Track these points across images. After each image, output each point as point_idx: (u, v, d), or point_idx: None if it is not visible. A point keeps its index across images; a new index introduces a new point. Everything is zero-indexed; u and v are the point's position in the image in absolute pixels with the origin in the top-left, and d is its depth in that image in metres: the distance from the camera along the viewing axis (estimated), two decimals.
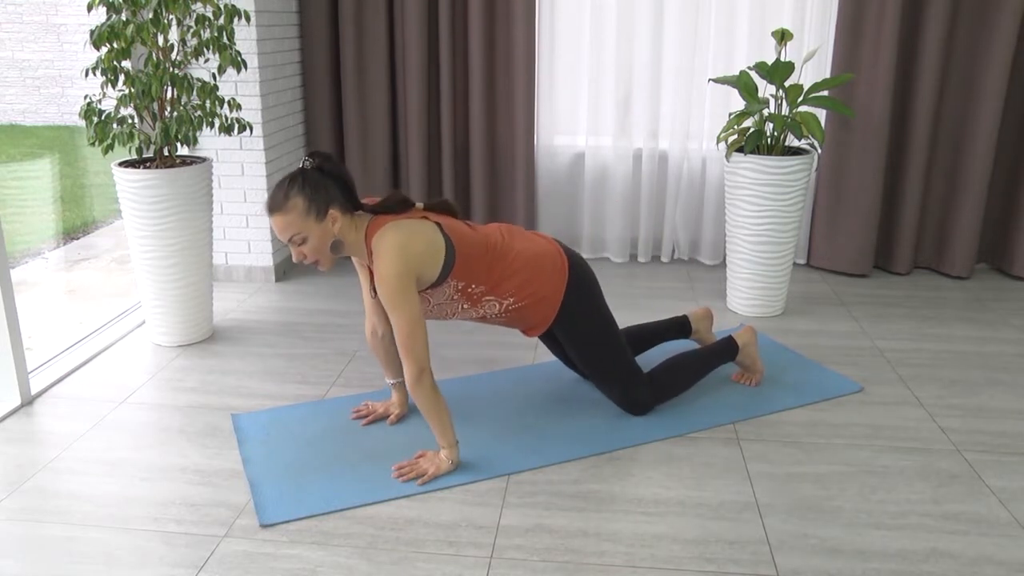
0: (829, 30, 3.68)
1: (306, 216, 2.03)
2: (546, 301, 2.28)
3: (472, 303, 2.24)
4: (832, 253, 3.82)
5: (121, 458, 2.23)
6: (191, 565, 1.80)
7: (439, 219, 2.17)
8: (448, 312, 2.26)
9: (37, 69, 9.25)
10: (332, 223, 2.06)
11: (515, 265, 2.23)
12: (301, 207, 2.02)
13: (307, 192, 2.02)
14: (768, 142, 3.16)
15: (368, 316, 2.37)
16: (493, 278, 2.21)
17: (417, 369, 2.03)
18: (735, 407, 2.51)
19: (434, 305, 2.23)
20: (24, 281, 4.34)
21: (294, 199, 2.02)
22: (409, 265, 2.03)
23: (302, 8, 3.77)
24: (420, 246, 2.06)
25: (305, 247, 2.07)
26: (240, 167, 3.56)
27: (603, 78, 3.86)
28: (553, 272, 2.28)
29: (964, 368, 2.82)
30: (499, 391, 2.63)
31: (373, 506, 2.02)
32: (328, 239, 2.07)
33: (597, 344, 2.36)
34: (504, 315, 2.29)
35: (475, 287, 2.20)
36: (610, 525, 1.94)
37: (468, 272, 2.17)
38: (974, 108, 3.57)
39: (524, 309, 2.28)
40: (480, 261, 2.18)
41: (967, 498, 2.05)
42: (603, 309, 2.37)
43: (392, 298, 2.01)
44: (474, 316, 2.30)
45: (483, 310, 2.27)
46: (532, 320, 2.32)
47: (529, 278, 2.25)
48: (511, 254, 2.24)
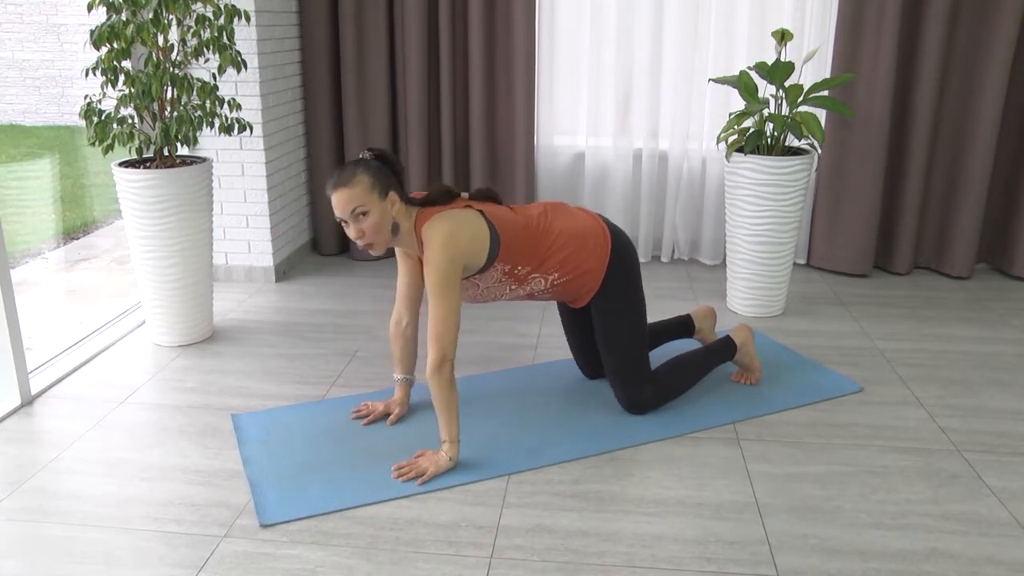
0: (829, 30, 3.68)
1: (370, 191, 2.11)
2: (590, 274, 2.36)
3: (519, 283, 2.33)
4: (832, 253, 3.82)
5: (121, 458, 2.23)
6: (191, 565, 1.80)
7: (482, 207, 2.26)
8: (497, 294, 2.35)
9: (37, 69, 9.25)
10: (391, 205, 2.15)
11: (558, 242, 2.31)
12: (366, 183, 2.11)
13: (372, 171, 2.13)
14: (768, 142, 3.16)
15: (397, 305, 2.43)
16: (537, 257, 2.29)
17: (441, 357, 2.08)
18: (735, 407, 2.51)
19: (483, 288, 2.31)
20: (24, 281, 4.34)
21: (360, 175, 2.11)
22: (457, 253, 2.11)
23: (302, 8, 3.77)
24: (466, 235, 2.14)
25: (365, 223, 2.12)
26: (240, 167, 3.56)
27: (603, 78, 3.86)
28: (596, 246, 2.36)
29: (964, 368, 2.82)
30: (499, 391, 2.63)
31: (373, 506, 2.02)
32: (388, 219, 2.15)
33: (627, 325, 2.40)
34: (551, 290, 2.38)
35: (520, 268, 2.29)
36: (610, 525, 1.94)
37: (512, 255, 2.25)
38: (974, 108, 3.57)
39: (569, 283, 2.36)
40: (523, 243, 2.26)
41: (967, 498, 2.05)
42: (640, 291, 2.44)
43: (438, 285, 2.09)
44: (522, 294, 2.39)
45: (529, 287, 2.36)
46: (578, 291, 2.40)
47: (572, 253, 2.32)
48: (554, 232, 2.32)
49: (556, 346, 3.00)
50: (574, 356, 2.71)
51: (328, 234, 4.07)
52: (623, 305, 2.40)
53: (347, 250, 4.17)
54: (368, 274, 3.83)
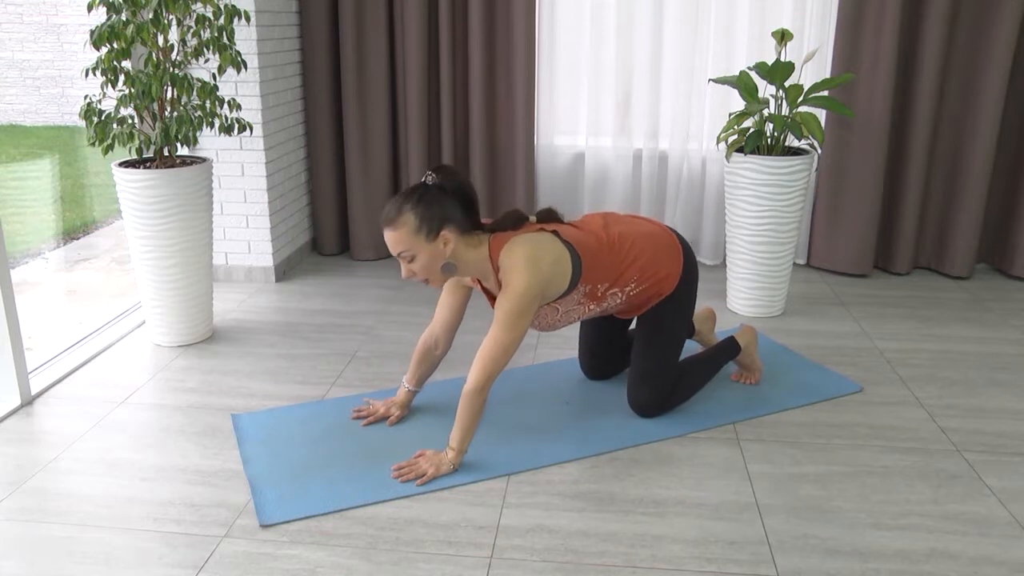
0: (829, 30, 3.68)
1: (416, 234, 2.00)
2: (667, 279, 2.30)
3: (597, 301, 2.26)
4: (832, 253, 3.82)
5: (121, 458, 2.23)
6: (191, 565, 1.80)
7: (554, 227, 2.17)
8: (575, 316, 2.27)
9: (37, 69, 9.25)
10: (444, 244, 2.03)
11: (634, 251, 2.24)
12: (412, 224, 1.99)
13: (420, 209, 1.99)
14: (768, 142, 3.16)
15: (434, 329, 2.35)
16: (615, 271, 2.22)
17: (485, 381, 2.05)
18: (735, 407, 2.51)
19: (562, 313, 2.24)
20: (24, 281, 4.34)
21: (406, 215, 2.00)
22: (541, 278, 2.03)
23: (302, 8, 3.78)
24: (550, 259, 2.06)
25: (414, 265, 2.04)
26: (240, 167, 3.56)
27: (603, 78, 3.86)
28: (669, 249, 2.31)
29: (964, 368, 2.82)
30: (499, 391, 2.63)
31: (373, 506, 2.02)
32: (439, 260, 2.04)
33: (677, 333, 2.37)
34: (625, 302, 2.31)
35: (600, 286, 2.21)
36: (610, 525, 1.94)
37: (594, 274, 2.18)
38: (974, 108, 3.57)
39: (644, 291, 2.29)
40: (603, 260, 2.19)
41: (967, 498, 2.05)
42: (695, 300, 2.40)
43: (512, 313, 2.01)
44: (596, 312, 2.31)
45: (606, 304, 2.29)
46: (648, 300, 2.33)
47: (649, 260, 2.26)
48: (628, 241, 2.24)
49: (556, 346, 3.00)
50: (581, 355, 2.69)
51: (328, 234, 4.07)
52: (681, 311, 2.34)
53: (347, 250, 4.17)
54: (368, 274, 3.83)
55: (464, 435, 2.13)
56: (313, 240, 4.16)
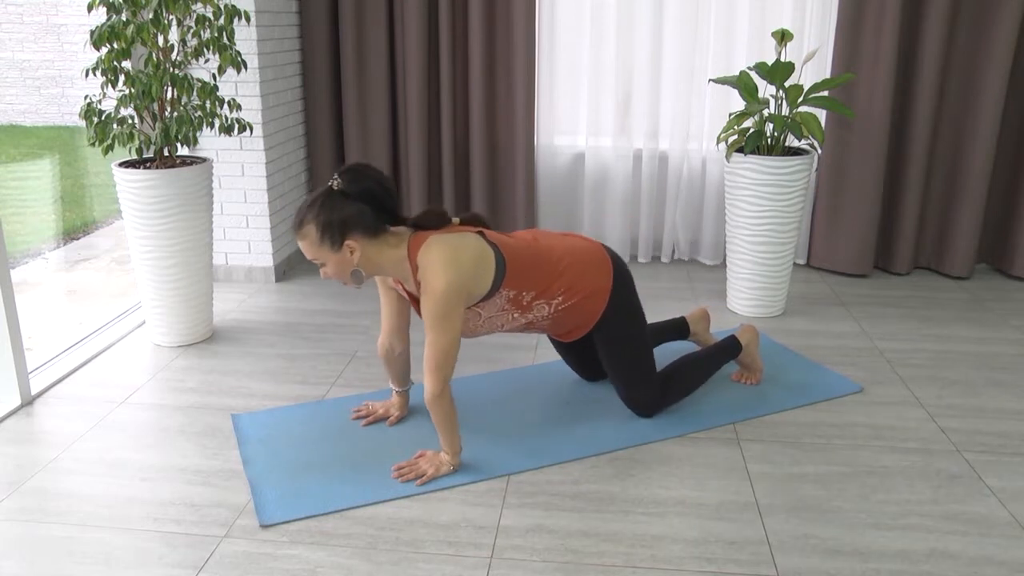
0: (829, 30, 3.68)
1: (319, 244, 1.98)
2: (596, 296, 2.25)
3: (522, 310, 2.20)
4: (832, 253, 3.82)
5: (121, 458, 2.23)
6: (191, 565, 1.80)
7: (479, 229, 2.14)
8: (499, 324, 2.22)
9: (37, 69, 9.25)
10: (350, 252, 1.99)
11: (562, 264, 2.20)
12: (314, 236, 1.97)
13: (321, 219, 1.96)
14: (768, 142, 3.16)
15: (385, 334, 2.31)
16: (542, 281, 2.17)
17: (440, 385, 2.02)
18: (735, 407, 2.51)
19: (485, 319, 2.18)
20: (24, 281, 4.34)
21: (307, 227, 1.98)
22: (462, 278, 1.97)
23: (302, 8, 3.78)
24: (470, 260, 2.00)
25: (326, 269, 2.04)
26: (240, 167, 3.56)
27: (603, 78, 3.86)
28: (600, 266, 2.26)
29: (964, 368, 2.82)
30: (499, 391, 2.63)
31: (373, 506, 2.02)
32: (347, 267, 2.02)
33: (635, 341, 2.33)
34: (551, 317, 2.25)
35: (525, 293, 2.16)
36: (610, 525, 1.94)
37: (519, 279, 2.13)
38: (974, 108, 3.57)
39: (572, 308, 2.24)
40: (529, 265, 2.14)
41: (967, 498, 2.05)
42: (640, 305, 2.37)
43: (438, 315, 1.96)
44: (522, 323, 2.25)
45: (532, 315, 2.22)
46: (578, 319, 2.28)
47: (578, 275, 2.22)
48: (554, 254, 2.20)
49: None
50: (570, 367, 2.68)
51: None
52: (630, 323, 2.32)
53: None
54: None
55: (449, 437, 2.11)
56: None
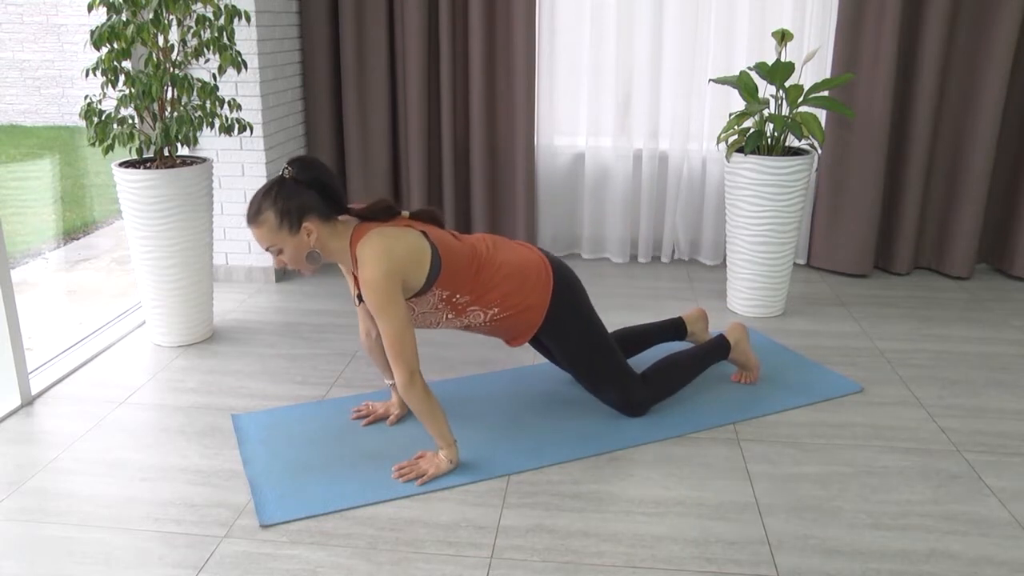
0: (829, 30, 3.68)
1: (278, 229, 2.04)
2: (532, 310, 2.28)
3: (457, 313, 2.24)
4: (832, 253, 3.82)
5: (121, 458, 2.23)
6: (191, 565, 1.80)
7: (424, 228, 2.17)
8: (432, 321, 2.26)
9: (37, 70, 9.25)
10: (307, 234, 2.06)
11: (500, 274, 2.23)
12: (272, 221, 2.03)
13: (280, 204, 2.03)
14: (768, 142, 3.16)
15: (360, 320, 2.37)
16: (478, 288, 2.21)
17: (407, 373, 2.04)
18: (735, 407, 2.51)
19: (419, 314, 2.22)
20: (24, 281, 4.34)
21: (266, 213, 2.03)
22: (393, 270, 2.02)
23: (302, 8, 3.78)
24: (404, 252, 2.05)
25: (283, 256, 2.09)
26: (240, 167, 3.56)
27: (603, 78, 3.86)
28: (538, 282, 2.28)
29: (964, 368, 2.82)
30: (499, 391, 2.63)
31: (373, 506, 2.02)
32: (303, 250, 2.08)
33: (586, 350, 2.36)
34: (488, 324, 2.29)
35: (460, 296, 2.20)
36: (610, 525, 1.94)
37: (453, 281, 2.16)
38: (974, 108, 3.57)
39: (508, 319, 2.27)
40: (465, 271, 2.18)
41: (967, 498, 2.05)
42: (590, 315, 2.37)
43: (378, 304, 2.01)
44: (458, 325, 2.30)
45: (467, 319, 2.27)
46: (516, 330, 2.32)
47: (514, 288, 2.24)
48: (495, 264, 2.23)
49: None
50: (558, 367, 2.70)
51: None
52: (576, 335, 2.33)
53: None
54: None
55: (436, 428, 2.11)
56: None
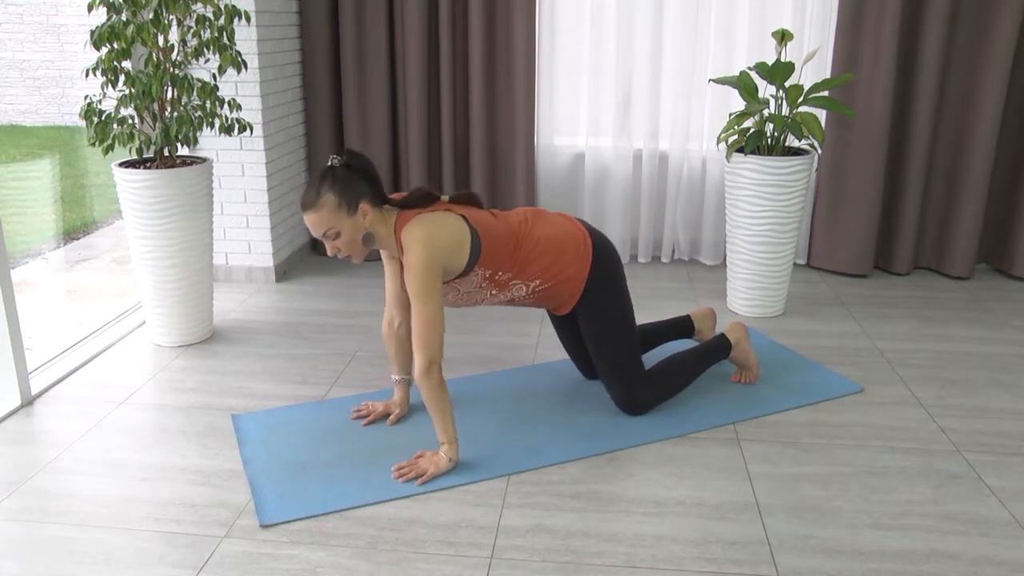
0: (829, 30, 3.68)
1: (337, 211, 2.10)
2: (571, 281, 2.34)
3: (500, 288, 2.31)
4: (832, 253, 3.82)
5: (121, 458, 2.23)
6: (191, 565, 1.80)
7: (464, 211, 2.23)
8: (477, 299, 2.34)
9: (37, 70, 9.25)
10: (363, 216, 2.13)
11: (539, 249, 2.29)
12: (332, 203, 2.09)
13: (337, 187, 2.10)
14: (768, 142, 3.16)
15: (388, 307, 2.41)
16: (518, 264, 2.28)
17: (428, 360, 2.07)
18: (735, 407, 2.51)
19: (463, 293, 2.30)
20: (24, 281, 4.34)
21: (325, 195, 2.09)
22: (436, 256, 2.09)
23: (302, 8, 3.78)
24: (446, 238, 2.12)
25: (339, 241, 2.13)
26: (240, 167, 3.56)
27: (603, 78, 3.86)
28: (576, 254, 2.34)
29: (964, 368, 2.82)
30: (499, 391, 2.63)
31: (373, 506, 2.02)
32: (360, 232, 2.14)
33: (614, 330, 2.39)
34: (531, 296, 2.36)
35: (501, 274, 2.27)
36: (610, 525, 1.94)
37: (493, 260, 2.24)
38: (974, 108, 3.57)
39: (550, 290, 2.34)
40: (504, 248, 2.25)
41: (967, 498, 2.05)
42: (625, 293, 2.42)
43: (418, 288, 2.07)
44: (503, 300, 2.37)
45: (511, 293, 2.34)
46: (560, 299, 2.39)
47: (553, 260, 2.30)
48: (534, 238, 2.30)
49: (556, 346, 3.00)
50: (570, 358, 2.72)
51: None
52: (608, 310, 2.38)
53: None
54: (368, 274, 3.83)
55: (442, 423, 2.13)
56: (313, 240, 4.16)
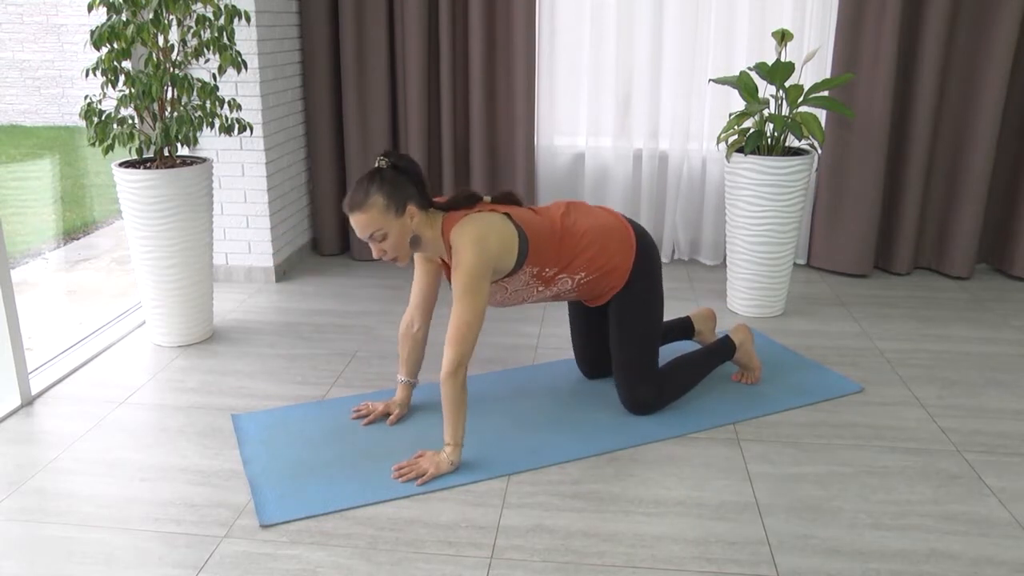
0: (829, 30, 3.68)
1: (386, 212, 2.08)
2: (617, 271, 2.35)
3: (547, 284, 2.32)
4: (832, 253, 3.82)
5: (121, 458, 2.23)
6: (191, 566, 1.80)
7: (507, 209, 2.24)
8: (524, 296, 2.35)
9: (37, 70, 9.25)
10: (411, 218, 2.12)
11: (585, 240, 2.31)
12: (381, 204, 2.07)
13: (386, 189, 2.08)
14: (768, 142, 3.16)
15: (411, 308, 2.41)
16: (564, 258, 2.29)
17: (456, 361, 2.07)
18: (735, 407, 2.51)
19: (511, 291, 2.31)
20: (24, 281, 4.34)
21: (374, 196, 2.07)
22: (489, 256, 2.10)
23: (302, 8, 3.78)
24: (497, 237, 2.13)
25: (385, 243, 2.12)
26: (240, 167, 3.56)
27: (603, 78, 3.86)
28: (621, 244, 2.36)
29: (964, 368, 2.82)
30: (499, 391, 2.63)
31: (373, 506, 2.02)
32: (407, 234, 2.13)
33: (645, 321, 2.40)
34: (576, 289, 2.37)
35: (548, 270, 2.29)
36: (610, 525, 1.94)
37: (540, 257, 2.25)
38: (974, 108, 3.57)
39: (594, 281, 2.36)
40: (550, 245, 2.26)
41: (967, 498, 2.05)
42: (661, 287, 2.45)
43: (466, 289, 2.08)
44: (548, 295, 2.39)
45: (557, 288, 2.35)
46: (602, 289, 2.39)
47: (599, 251, 2.32)
48: (579, 231, 2.31)
49: (556, 346, 3.00)
50: (575, 352, 2.71)
51: (328, 234, 4.07)
52: (643, 304, 2.39)
53: (347, 250, 4.17)
54: (368, 274, 3.83)
55: (454, 425, 2.12)
56: (313, 240, 4.16)
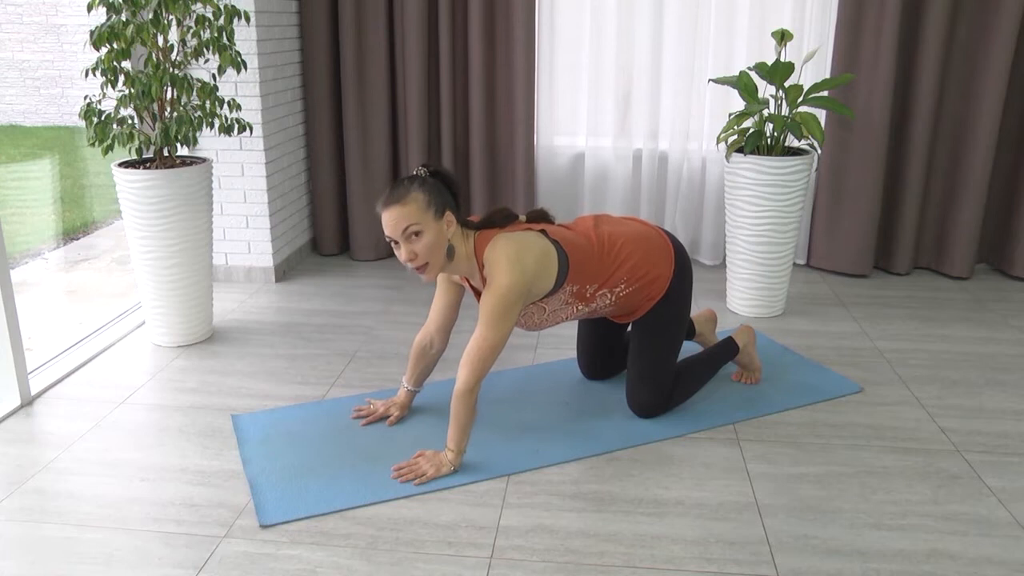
0: (829, 30, 3.68)
1: (426, 210, 1.99)
2: (658, 280, 2.29)
3: (586, 302, 2.25)
4: (832, 253, 3.82)
5: (121, 458, 2.23)
6: (191, 566, 1.80)
7: (542, 227, 2.17)
8: (563, 316, 2.27)
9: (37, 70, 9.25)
10: (448, 225, 2.04)
11: (626, 250, 2.24)
12: (422, 200, 1.99)
13: (428, 188, 2.01)
14: (768, 142, 3.16)
15: (428, 328, 2.35)
16: (605, 272, 2.22)
17: (474, 381, 2.05)
18: (735, 407, 2.51)
19: (549, 312, 2.23)
20: (24, 281, 4.34)
21: (415, 193, 2.00)
22: (526, 276, 2.02)
23: (302, 8, 3.78)
24: (533, 256, 2.05)
25: (418, 244, 2.01)
26: (240, 167, 3.56)
27: (603, 78, 3.86)
28: (661, 252, 2.30)
29: (964, 368, 2.82)
30: (499, 391, 2.63)
31: (373, 506, 2.02)
32: (443, 240, 2.04)
33: (672, 334, 2.36)
34: (614, 304, 2.30)
35: (589, 287, 2.21)
36: (610, 525, 1.94)
37: (581, 275, 2.18)
38: (974, 108, 3.57)
39: (635, 292, 2.29)
40: (591, 260, 2.19)
41: (967, 498, 2.05)
42: (689, 306, 2.39)
43: (496, 310, 2.01)
44: (585, 313, 2.31)
45: (595, 304, 2.28)
46: (640, 302, 2.32)
47: (641, 260, 2.26)
48: (618, 242, 2.24)
49: (556, 346, 3.00)
50: (579, 355, 2.69)
51: (328, 234, 4.07)
52: (677, 314, 2.34)
53: (347, 250, 4.17)
54: (368, 274, 3.83)
55: (460, 436, 2.12)
56: (313, 240, 4.16)
